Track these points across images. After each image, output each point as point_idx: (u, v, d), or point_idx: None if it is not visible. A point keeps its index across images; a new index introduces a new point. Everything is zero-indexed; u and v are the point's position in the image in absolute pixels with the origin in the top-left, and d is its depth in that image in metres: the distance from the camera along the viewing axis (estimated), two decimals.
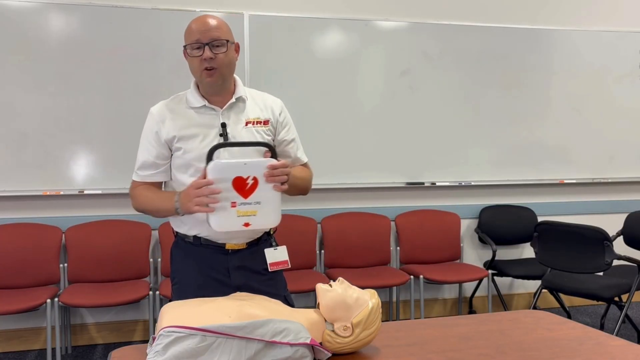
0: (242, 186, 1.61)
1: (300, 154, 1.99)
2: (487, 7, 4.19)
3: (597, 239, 3.15)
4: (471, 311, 4.26)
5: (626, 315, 3.44)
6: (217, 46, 1.75)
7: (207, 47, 1.74)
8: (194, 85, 1.87)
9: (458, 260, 4.16)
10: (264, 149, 1.79)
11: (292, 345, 1.33)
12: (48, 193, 3.51)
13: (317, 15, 3.85)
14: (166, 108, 1.85)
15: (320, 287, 1.48)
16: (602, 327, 3.88)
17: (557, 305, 4.23)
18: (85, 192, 3.56)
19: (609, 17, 4.41)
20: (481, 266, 4.14)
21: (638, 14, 4.47)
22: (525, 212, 4.29)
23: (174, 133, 1.81)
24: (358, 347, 1.46)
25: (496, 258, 4.00)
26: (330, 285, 1.48)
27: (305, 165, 2.01)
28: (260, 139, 1.84)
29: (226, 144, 1.72)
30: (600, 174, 4.43)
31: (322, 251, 3.91)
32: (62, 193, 3.53)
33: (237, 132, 1.82)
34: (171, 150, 1.83)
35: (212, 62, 1.75)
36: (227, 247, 1.81)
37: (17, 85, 3.44)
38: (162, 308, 1.43)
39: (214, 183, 1.60)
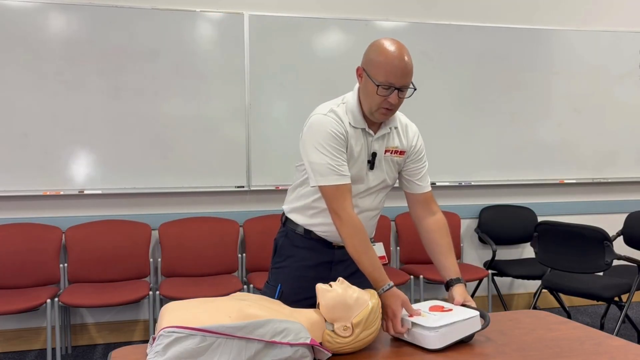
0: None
1: (427, 182, 1.96)
2: (487, 7, 4.19)
3: (597, 239, 3.15)
4: None
5: (626, 315, 3.44)
6: (403, 91, 1.71)
7: (396, 92, 1.69)
8: (358, 102, 1.78)
9: (458, 260, 4.15)
10: (391, 183, 1.89)
11: (292, 345, 1.33)
12: (48, 193, 3.51)
13: (317, 15, 3.85)
14: (343, 118, 1.77)
15: (320, 287, 1.48)
16: (602, 327, 3.87)
17: (557, 305, 4.23)
18: (85, 192, 3.56)
19: (609, 17, 4.41)
20: (481, 266, 4.14)
21: (638, 14, 4.47)
22: (525, 212, 4.29)
23: (347, 147, 1.77)
24: (358, 347, 1.46)
25: (496, 258, 3.99)
26: (330, 285, 1.48)
27: (431, 194, 1.95)
28: (393, 170, 1.87)
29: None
30: (600, 174, 4.43)
31: None
32: (62, 193, 3.53)
33: (379, 162, 1.83)
34: None
35: (394, 107, 1.72)
36: (333, 244, 1.88)
37: (17, 85, 3.44)
38: (162, 308, 1.43)
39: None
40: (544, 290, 3.76)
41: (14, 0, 3.40)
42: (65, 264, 3.52)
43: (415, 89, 1.73)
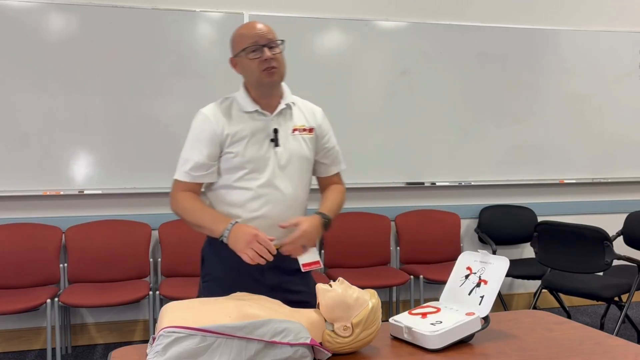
0: None
1: (339, 162, 2.04)
2: (487, 7, 4.19)
3: (597, 239, 3.15)
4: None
5: (626, 315, 3.44)
6: (274, 47, 1.81)
7: (266, 48, 1.79)
8: (244, 89, 1.90)
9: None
10: (308, 163, 1.92)
11: (292, 345, 1.33)
12: (48, 193, 3.51)
13: (317, 15, 3.85)
14: (220, 110, 1.87)
15: (320, 287, 1.48)
16: (602, 327, 3.87)
17: (557, 305, 4.23)
18: (85, 192, 3.56)
19: (608, 17, 4.41)
20: None
21: (638, 14, 4.47)
22: (525, 212, 4.29)
23: (229, 135, 1.82)
24: (358, 347, 1.46)
25: None
26: (330, 285, 1.48)
27: (337, 176, 2.05)
28: (305, 147, 1.90)
29: None
30: (600, 174, 4.43)
31: (323, 251, 3.91)
32: (62, 193, 3.53)
33: (285, 139, 1.86)
34: (221, 152, 1.84)
35: (273, 62, 1.80)
36: None
37: (17, 85, 3.44)
38: (162, 308, 1.43)
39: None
40: (543, 290, 3.76)
41: (14, 0, 3.40)
42: (65, 264, 3.52)
43: (283, 41, 1.85)
